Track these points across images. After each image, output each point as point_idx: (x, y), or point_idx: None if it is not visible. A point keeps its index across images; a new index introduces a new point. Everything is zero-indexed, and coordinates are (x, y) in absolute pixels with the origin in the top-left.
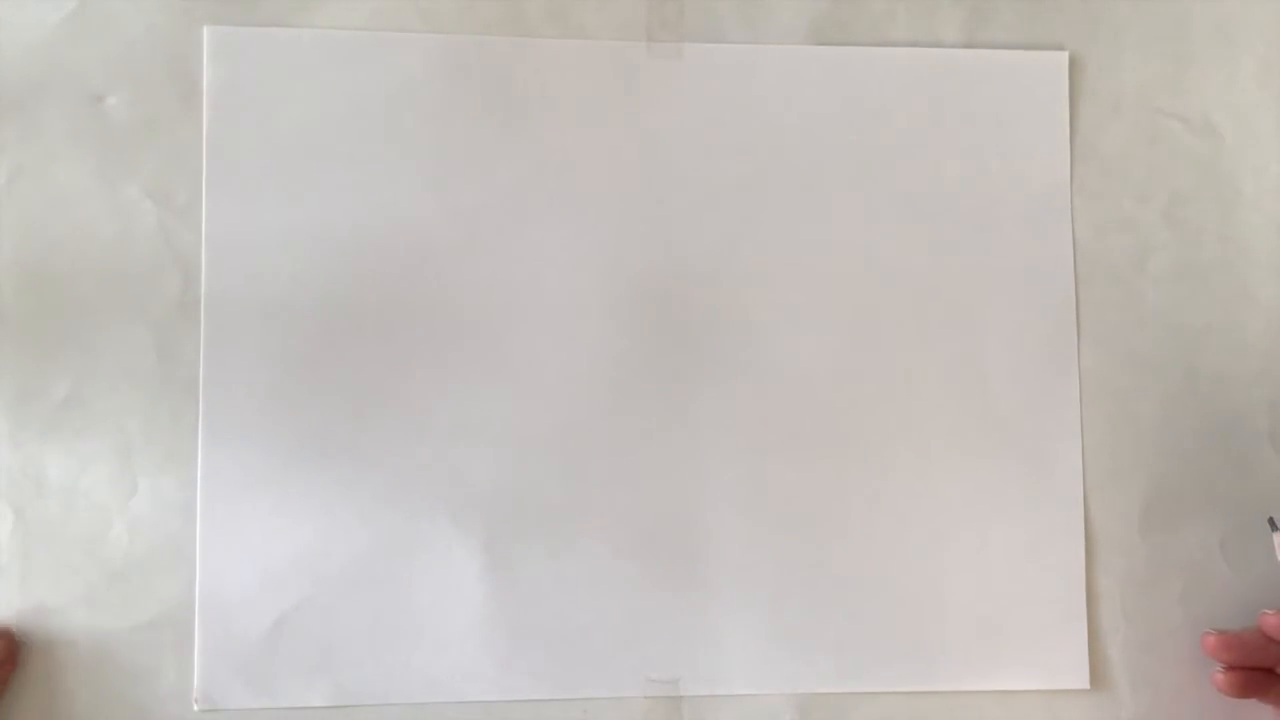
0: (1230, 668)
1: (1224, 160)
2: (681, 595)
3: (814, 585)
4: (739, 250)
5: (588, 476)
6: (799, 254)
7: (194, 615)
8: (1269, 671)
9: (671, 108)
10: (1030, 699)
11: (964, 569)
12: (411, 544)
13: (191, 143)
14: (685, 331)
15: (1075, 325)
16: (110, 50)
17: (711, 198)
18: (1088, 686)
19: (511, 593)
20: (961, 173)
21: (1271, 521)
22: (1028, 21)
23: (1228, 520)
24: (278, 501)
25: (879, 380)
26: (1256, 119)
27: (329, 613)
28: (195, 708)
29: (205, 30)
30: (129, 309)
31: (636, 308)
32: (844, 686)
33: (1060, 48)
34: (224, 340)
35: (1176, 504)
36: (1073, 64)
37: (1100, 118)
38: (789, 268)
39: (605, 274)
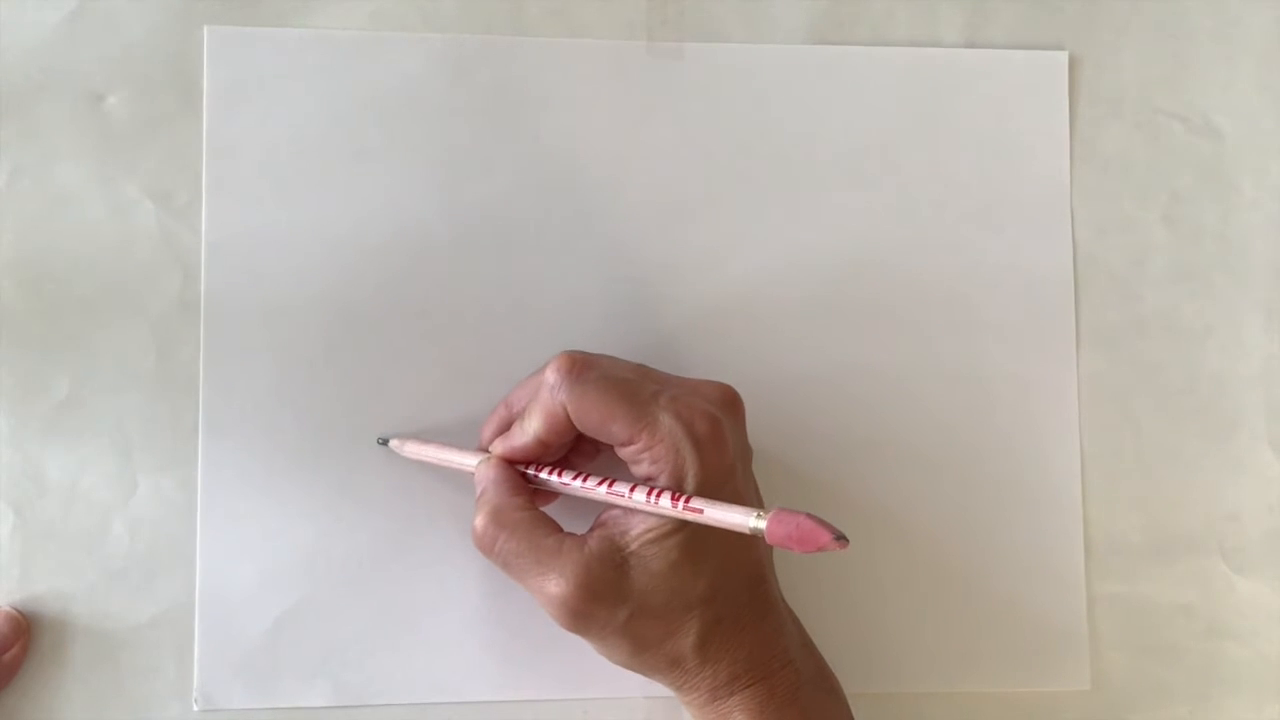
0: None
1: (1224, 160)
2: None
3: (813, 586)
4: (738, 249)
5: None
6: (798, 253)
7: (194, 615)
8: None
9: (672, 107)
10: (1030, 699)
11: (963, 570)
12: (411, 544)
13: (191, 143)
14: (685, 330)
15: (1075, 325)
16: (110, 50)
17: (711, 196)
18: (1088, 687)
19: (512, 593)
20: (961, 173)
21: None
22: (1028, 21)
23: (1227, 522)
24: (278, 501)
25: (878, 380)
26: (1256, 119)
27: (329, 613)
28: (195, 708)
29: (205, 30)
30: (129, 309)
31: (636, 306)
32: (843, 687)
33: (1060, 48)
34: (224, 340)
35: (1176, 505)
36: (1073, 64)
37: (1100, 118)
38: (788, 267)
39: (605, 273)
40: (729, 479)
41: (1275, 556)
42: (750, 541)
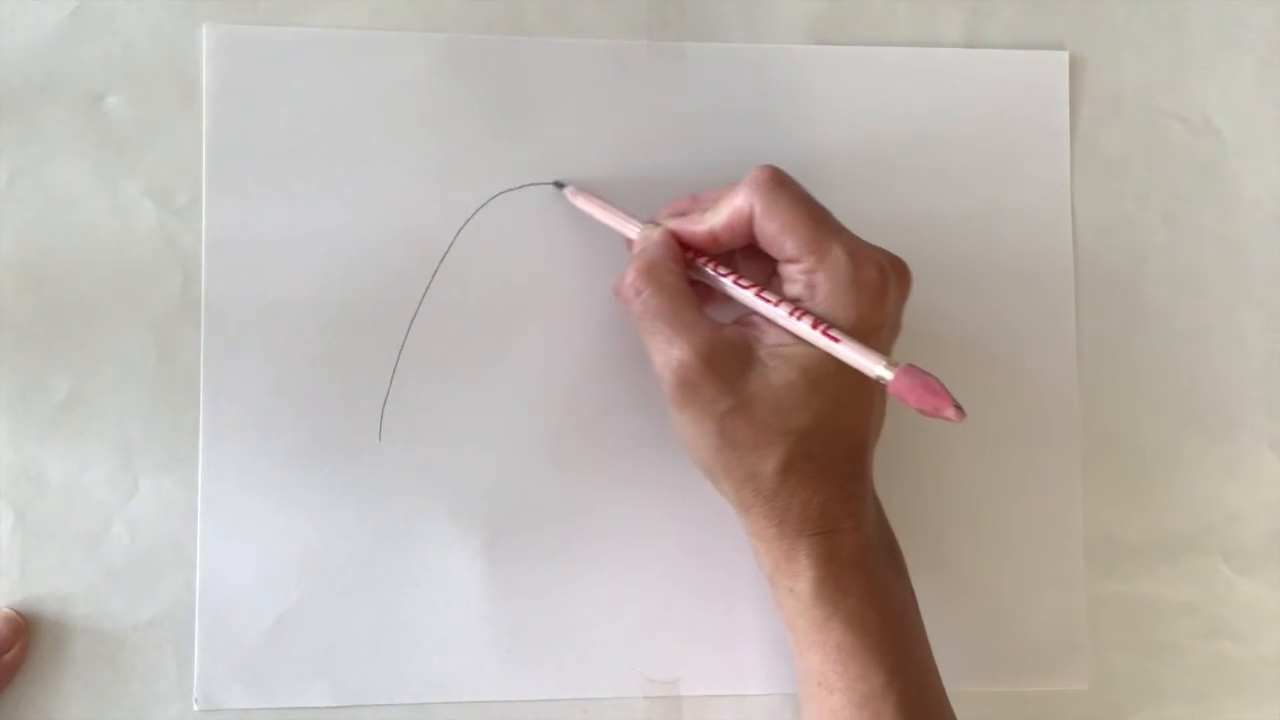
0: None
1: (1224, 160)
2: (681, 595)
3: None
4: None
5: (588, 476)
6: None
7: (194, 615)
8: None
9: (672, 107)
10: (1030, 699)
11: (963, 569)
12: (411, 544)
13: (191, 143)
14: None
15: (1075, 326)
16: (110, 50)
17: None
18: (1086, 687)
19: (511, 593)
20: (961, 173)
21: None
22: (1028, 21)
23: (1227, 522)
24: (278, 501)
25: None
26: (1256, 119)
27: (329, 613)
28: (195, 708)
29: (205, 30)
30: (129, 309)
31: None
32: None
33: (1060, 48)
34: (224, 340)
35: (1176, 505)
36: (1073, 64)
37: (1100, 118)
38: None
39: (605, 272)
40: (874, 333)
41: (1275, 556)
42: (867, 408)
